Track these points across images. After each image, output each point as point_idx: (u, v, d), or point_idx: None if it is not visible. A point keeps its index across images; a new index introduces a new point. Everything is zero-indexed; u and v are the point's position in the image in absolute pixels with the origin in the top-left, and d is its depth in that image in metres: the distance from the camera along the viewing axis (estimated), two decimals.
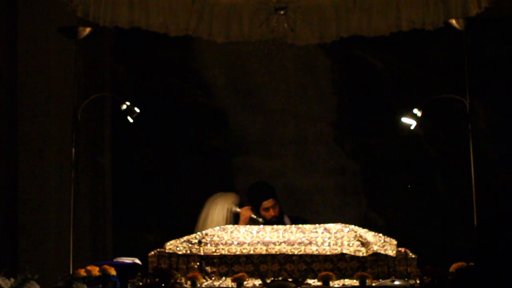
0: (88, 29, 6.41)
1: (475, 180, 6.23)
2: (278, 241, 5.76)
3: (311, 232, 5.79)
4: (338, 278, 5.68)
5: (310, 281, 5.68)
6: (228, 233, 5.81)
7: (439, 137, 8.40)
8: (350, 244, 5.71)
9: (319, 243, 5.73)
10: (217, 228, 5.89)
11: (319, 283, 5.59)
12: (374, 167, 8.43)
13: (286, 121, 8.55)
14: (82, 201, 7.60)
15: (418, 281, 5.54)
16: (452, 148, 8.23)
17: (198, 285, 5.63)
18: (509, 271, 4.15)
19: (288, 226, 5.95)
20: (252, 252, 5.74)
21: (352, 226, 5.80)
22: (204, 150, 8.52)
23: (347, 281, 5.66)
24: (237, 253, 5.75)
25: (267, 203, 6.66)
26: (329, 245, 5.72)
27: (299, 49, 8.04)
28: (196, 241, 5.78)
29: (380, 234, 5.75)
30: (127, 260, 6.06)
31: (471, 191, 6.24)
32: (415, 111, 6.50)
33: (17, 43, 7.48)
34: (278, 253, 5.74)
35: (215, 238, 5.79)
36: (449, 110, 7.92)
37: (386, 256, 5.70)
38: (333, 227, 5.79)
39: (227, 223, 6.56)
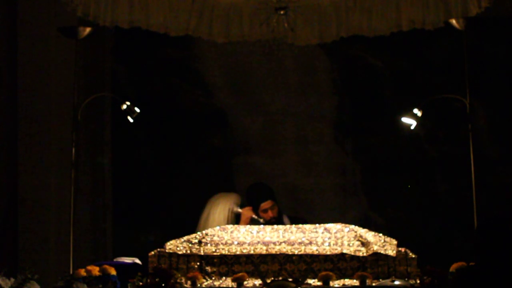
0: (88, 29, 6.41)
1: (475, 180, 6.23)
2: (278, 241, 5.76)
3: (311, 232, 5.78)
4: (338, 278, 5.68)
5: (310, 281, 5.68)
6: (228, 233, 5.81)
7: (439, 137, 8.39)
8: (350, 244, 5.71)
9: (319, 243, 5.73)
10: (217, 228, 5.88)
11: (319, 283, 5.59)
12: (374, 167, 8.42)
13: (286, 121, 8.54)
14: (82, 201, 7.60)
15: (418, 281, 5.54)
16: (452, 148, 8.22)
17: (198, 285, 5.63)
18: (509, 271, 4.15)
19: (288, 226, 5.95)
20: (252, 252, 5.74)
21: (352, 226, 5.80)
22: (204, 150, 8.51)
23: (347, 281, 5.66)
24: (237, 253, 5.75)
25: (265, 205, 6.65)
26: (329, 245, 5.72)
27: (299, 49, 8.03)
28: (196, 241, 5.78)
29: (380, 234, 5.75)
30: (127, 260, 6.06)
31: (471, 191, 6.24)
32: (415, 111, 6.50)
33: (17, 43, 7.48)
34: (278, 253, 5.74)
35: (215, 238, 5.79)
36: (449, 110, 7.92)
37: (386, 256, 5.70)
38: (333, 227, 5.79)
39: (228, 223, 6.55)
